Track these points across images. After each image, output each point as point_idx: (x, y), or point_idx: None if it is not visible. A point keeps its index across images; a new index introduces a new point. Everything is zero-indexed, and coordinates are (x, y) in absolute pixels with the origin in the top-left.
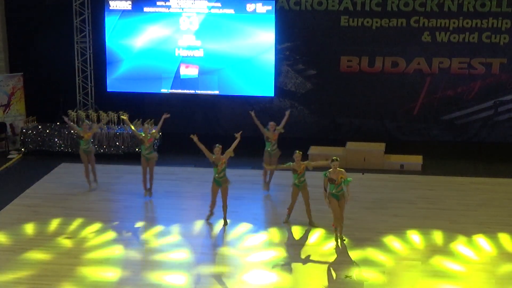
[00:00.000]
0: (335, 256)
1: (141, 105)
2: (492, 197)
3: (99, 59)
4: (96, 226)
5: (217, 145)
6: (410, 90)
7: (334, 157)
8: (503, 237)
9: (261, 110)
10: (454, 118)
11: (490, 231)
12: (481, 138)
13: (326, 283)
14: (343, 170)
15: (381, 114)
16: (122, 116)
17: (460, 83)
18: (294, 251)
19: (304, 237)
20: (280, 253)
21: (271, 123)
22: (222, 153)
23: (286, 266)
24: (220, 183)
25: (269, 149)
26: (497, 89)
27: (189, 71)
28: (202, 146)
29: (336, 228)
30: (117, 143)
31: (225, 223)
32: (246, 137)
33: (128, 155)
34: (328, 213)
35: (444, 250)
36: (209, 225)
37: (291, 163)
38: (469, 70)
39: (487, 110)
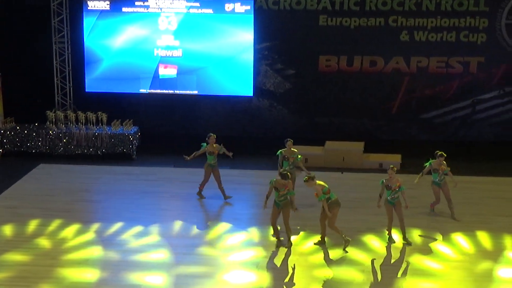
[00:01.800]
0: (314, 255)
1: (120, 105)
2: (471, 195)
3: (78, 60)
4: (75, 227)
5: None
6: (388, 89)
7: (391, 166)
8: (481, 235)
9: (240, 110)
10: (432, 117)
11: (469, 229)
12: (459, 137)
13: (304, 282)
14: (399, 178)
15: (360, 113)
16: (186, 158)
17: (438, 82)
18: (274, 250)
19: (284, 237)
20: (260, 253)
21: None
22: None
23: (266, 265)
24: (280, 205)
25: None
26: (475, 88)
27: (167, 71)
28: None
29: (389, 234)
30: (96, 144)
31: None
32: (225, 136)
33: (107, 155)
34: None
35: (423, 249)
36: (189, 225)
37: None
38: (447, 69)
39: (465, 108)
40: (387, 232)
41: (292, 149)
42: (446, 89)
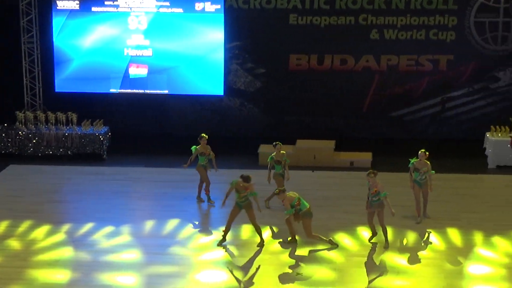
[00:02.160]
0: (285, 253)
1: (90, 105)
2: (441, 192)
3: (47, 60)
4: (46, 228)
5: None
6: (359, 88)
7: (422, 150)
8: (451, 232)
9: (211, 109)
10: (402, 114)
11: (439, 226)
12: (429, 134)
13: (276, 280)
14: (428, 163)
15: (331, 111)
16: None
17: (408, 80)
18: (245, 249)
19: (254, 236)
20: (231, 252)
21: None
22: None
23: (237, 264)
24: (241, 206)
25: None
26: (445, 86)
27: (138, 71)
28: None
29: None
30: (66, 144)
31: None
32: (196, 136)
33: (77, 156)
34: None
35: (393, 246)
36: (160, 225)
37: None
38: (416, 67)
39: (434, 106)
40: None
41: (281, 151)
42: (416, 87)
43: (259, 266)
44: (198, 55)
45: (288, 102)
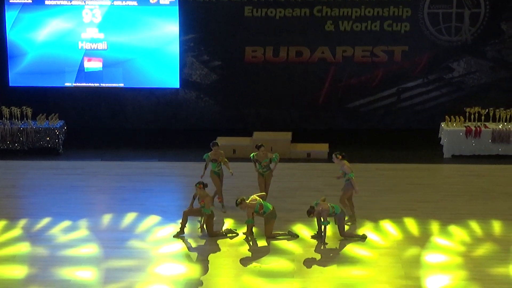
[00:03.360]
0: (244, 246)
1: (45, 100)
2: (397, 182)
3: (0, 54)
4: (1, 223)
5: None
6: (314, 79)
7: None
8: (408, 221)
9: (167, 102)
10: (358, 105)
11: (396, 216)
12: (385, 125)
13: (236, 272)
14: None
15: (287, 103)
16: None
17: (363, 71)
18: (203, 242)
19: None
20: (190, 245)
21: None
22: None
23: (196, 257)
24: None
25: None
26: (400, 77)
27: (93, 64)
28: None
29: None
30: (21, 139)
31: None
32: (152, 129)
33: (33, 150)
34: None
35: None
36: (117, 219)
37: None
38: (372, 58)
39: (390, 97)
40: None
41: (268, 153)
42: (371, 78)
43: (217, 258)
44: (153, 48)
45: (245, 94)
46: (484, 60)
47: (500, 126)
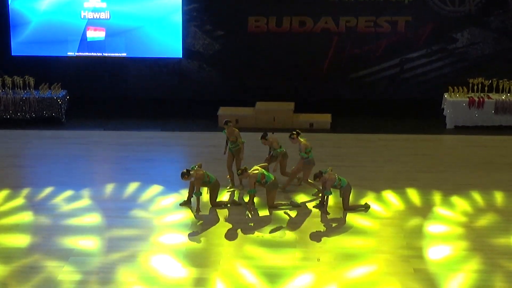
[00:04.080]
0: (245, 216)
1: (48, 69)
2: (400, 153)
3: (3, 23)
4: (4, 192)
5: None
6: (318, 50)
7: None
8: (410, 192)
9: (169, 72)
10: (361, 76)
11: (398, 186)
12: (388, 96)
13: (238, 242)
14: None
15: (290, 73)
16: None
17: (367, 42)
18: (207, 212)
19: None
20: (192, 215)
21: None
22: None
23: (199, 227)
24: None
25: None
26: (403, 47)
27: (95, 34)
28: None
29: None
30: (24, 108)
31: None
32: (154, 99)
33: (35, 120)
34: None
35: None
36: (120, 188)
37: None
38: (375, 28)
39: (393, 67)
40: None
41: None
42: (374, 49)
43: (220, 228)
44: (156, 18)
45: (247, 65)
46: (488, 30)
47: (503, 97)
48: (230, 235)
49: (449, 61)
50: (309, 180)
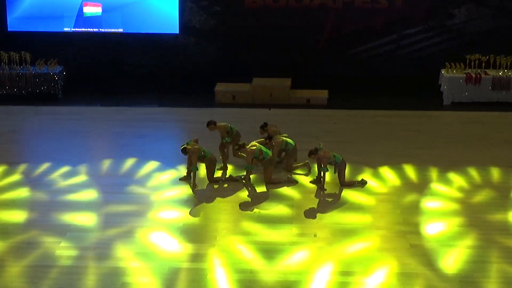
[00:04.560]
0: (243, 191)
1: (44, 45)
2: (396, 129)
3: None
4: (1, 168)
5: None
6: (315, 25)
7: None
8: (407, 168)
9: (166, 47)
10: (358, 52)
11: (395, 162)
12: (385, 72)
13: (235, 217)
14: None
15: (287, 49)
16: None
17: (364, 18)
18: (204, 187)
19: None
20: (190, 190)
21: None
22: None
23: (196, 202)
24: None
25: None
26: (400, 23)
27: (92, 9)
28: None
29: None
30: (20, 84)
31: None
32: (151, 74)
33: (32, 95)
34: None
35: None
36: (117, 164)
37: None
38: (372, 4)
39: (390, 43)
40: None
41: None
42: (371, 25)
43: (216, 204)
44: None
45: (244, 40)
46: (485, 7)
47: (500, 73)
48: (227, 211)
49: (446, 37)
50: (294, 166)
